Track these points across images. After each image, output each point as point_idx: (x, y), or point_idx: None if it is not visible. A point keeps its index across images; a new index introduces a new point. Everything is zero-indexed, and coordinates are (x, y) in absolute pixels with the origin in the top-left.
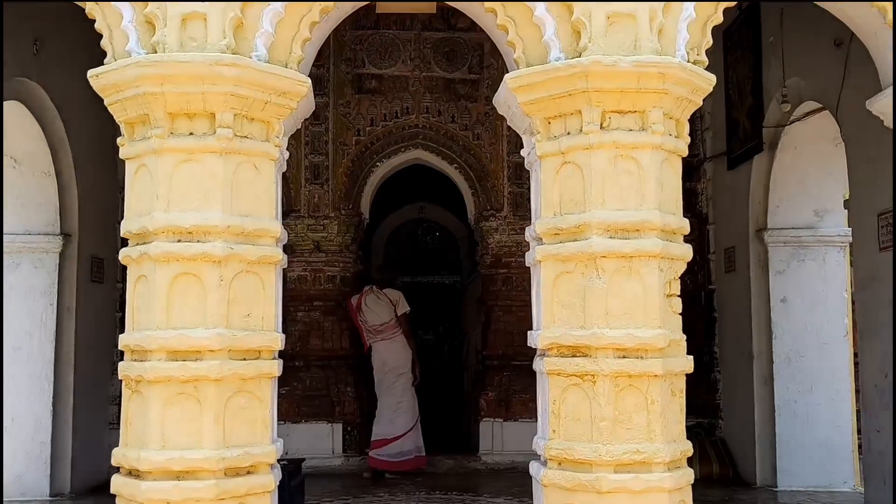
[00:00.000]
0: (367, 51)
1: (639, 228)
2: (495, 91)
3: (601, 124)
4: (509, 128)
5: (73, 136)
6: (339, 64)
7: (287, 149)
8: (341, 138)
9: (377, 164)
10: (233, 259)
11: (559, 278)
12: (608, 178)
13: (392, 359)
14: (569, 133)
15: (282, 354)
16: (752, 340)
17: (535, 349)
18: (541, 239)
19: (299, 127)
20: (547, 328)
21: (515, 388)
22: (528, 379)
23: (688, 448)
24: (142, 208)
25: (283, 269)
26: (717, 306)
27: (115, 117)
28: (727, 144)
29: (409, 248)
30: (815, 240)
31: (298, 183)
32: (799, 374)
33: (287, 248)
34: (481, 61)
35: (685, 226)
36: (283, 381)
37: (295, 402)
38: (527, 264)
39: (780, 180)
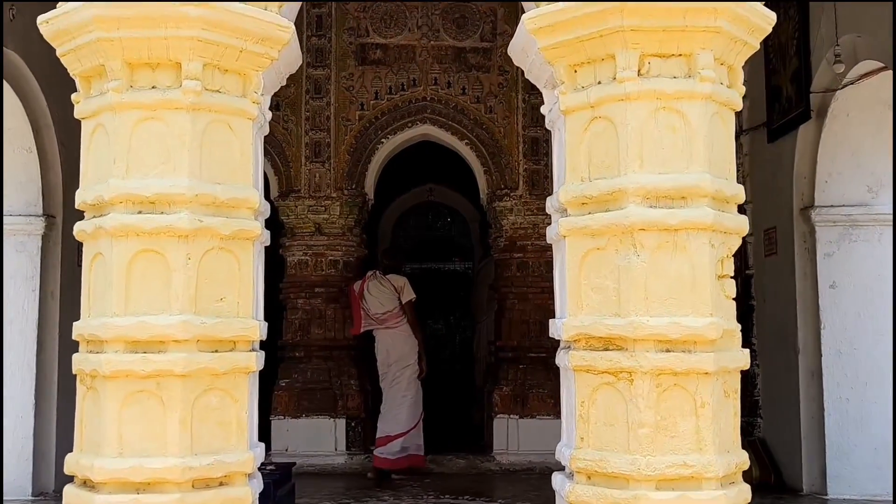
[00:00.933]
0: (370, 19)
1: (685, 196)
2: (508, 61)
3: (639, 71)
4: (525, 99)
5: (56, 111)
6: (341, 34)
7: (286, 124)
8: (344, 113)
9: (382, 140)
10: (202, 233)
11: (588, 256)
12: (648, 136)
13: (396, 350)
14: (599, 82)
15: (281, 345)
16: (796, 331)
17: (558, 341)
18: (565, 210)
19: (284, 83)
20: (573, 316)
21: (532, 383)
22: (546, 372)
23: (744, 460)
24: (99, 175)
25: (283, 254)
26: (756, 293)
27: (69, 71)
28: (767, 114)
29: (417, 233)
30: (869, 218)
31: (298, 161)
32: (850, 368)
33: (287, 231)
34: (494, 28)
35: (740, 193)
36: (282, 373)
37: (295, 396)
38: (548, 240)
39: (830, 152)
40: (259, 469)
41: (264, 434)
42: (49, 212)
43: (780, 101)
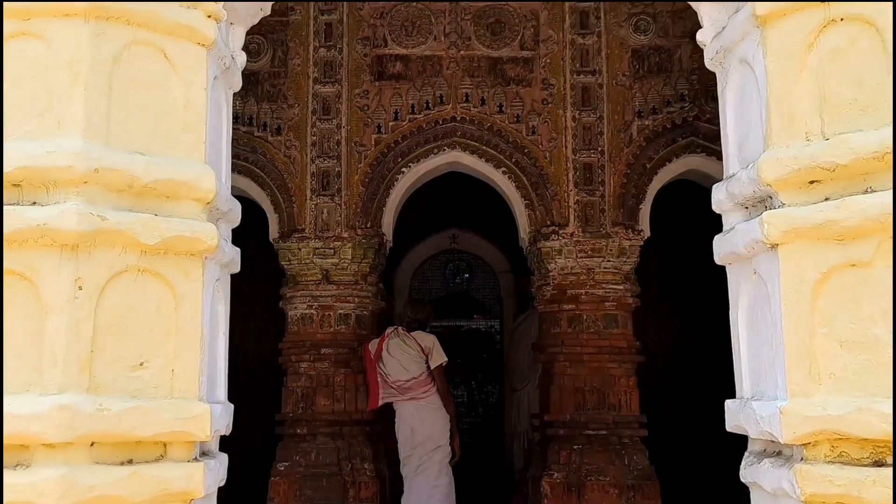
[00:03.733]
0: (389, 26)
1: None
2: (554, 72)
3: None
4: (575, 117)
5: None
6: (354, 44)
7: (288, 150)
8: (357, 137)
9: (403, 169)
10: (105, 241)
11: (829, 281)
12: None
13: (424, 427)
14: None
15: (280, 419)
16: None
17: (622, 416)
18: (769, 197)
19: (267, 13)
20: (801, 395)
21: (590, 468)
22: (607, 454)
23: None
24: None
25: (283, 307)
26: None
27: None
28: None
29: (437, 286)
30: None
31: (302, 195)
32: None
33: (288, 279)
34: (536, 34)
35: None
36: (281, 454)
37: (296, 483)
38: (717, 258)
39: None
40: None
41: None
42: None
43: None
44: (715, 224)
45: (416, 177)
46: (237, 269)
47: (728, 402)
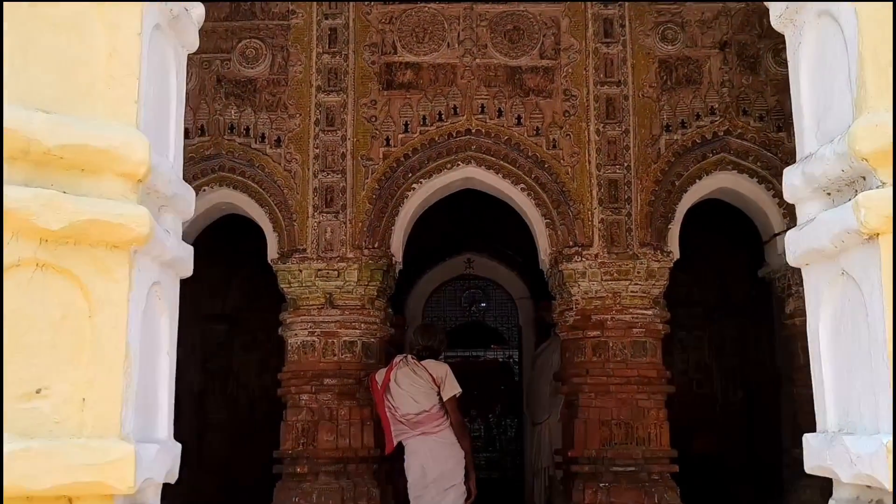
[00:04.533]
0: (399, 32)
1: None
2: (576, 82)
3: None
4: (599, 130)
5: None
6: (360, 50)
7: (288, 164)
8: (364, 150)
9: (413, 185)
10: None
11: None
12: None
13: (437, 464)
14: None
15: (278, 457)
16: None
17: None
18: (860, 177)
19: None
20: None
21: None
22: (637, 492)
23: None
24: None
25: (282, 334)
26: None
27: None
28: None
29: (451, 314)
30: None
31: (304, 212)
32: None
33: (288, 304)
34: (557, 42)
35: None
36: (280, 495)
37: None
38: (791, 258)
39: None
40: None
41: None
42: None
43: None
44: (742, 247)
45: (427, 194)
46: (188, 271)
47: (808, 438)
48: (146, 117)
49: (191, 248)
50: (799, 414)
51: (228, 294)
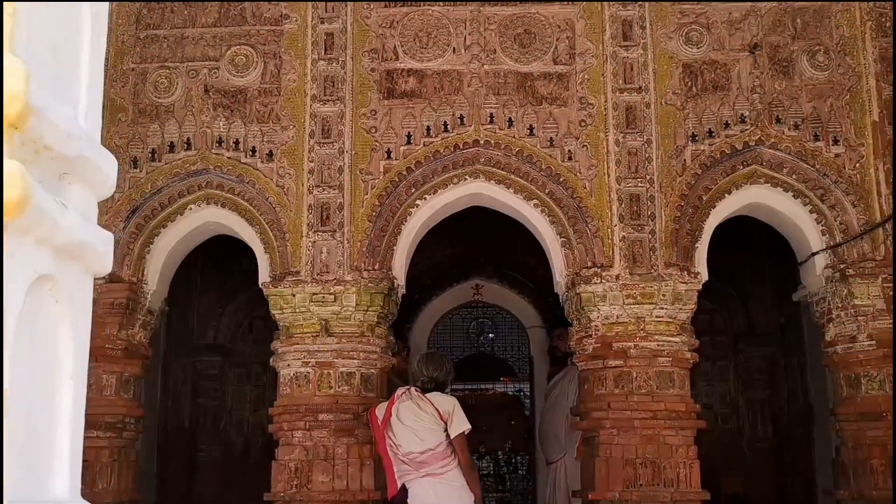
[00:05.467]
0: (401, 37)
1: None
2: (593, 89)
3: None
4: (619, 140)
5: None
6: (359, 57)
7: (281, 179)
8: (363, 164)
9: (417, 202)
10: None
11: None
12: None
13: None
14: None
15: (269, 500)
16: None
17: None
18: None
19: None
20: None
21: None
22: None
23: None
24: None
25: (274, 365)
26: None
27: None
28: None
29: (459, 343)
30: None
31: (298, 231)
32: None
33: (281, 332)
34: (572, 47)
35: None
36: None
37: None
38: None
39: None
40: None
41: None
42: None
43: None
44: (767, 268)
45: (432, 211)
46: (104, 266)
47: None
48: (35, 50)
49: (109, 235)
50: (843, 451)
51: (222, 322)
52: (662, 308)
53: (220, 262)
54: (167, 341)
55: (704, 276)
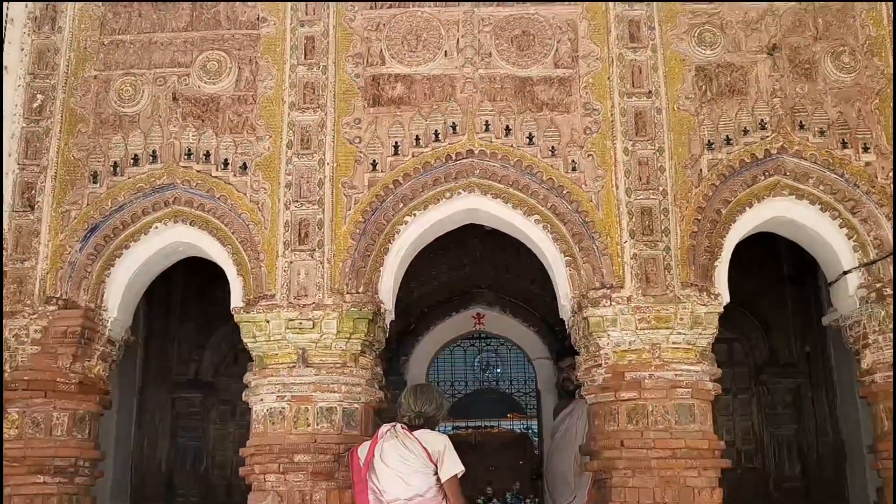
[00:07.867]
0: (388, 40)
1: None
2: (598, 94)
3: None
4: (628, 149)
5: None
6: (342, 62)
7: (255, 194)
8: (346, 176)
9: (406, 218)
10: None
11: None
12: None
13: None
14: None
15: None
16: None
17: None
18: None
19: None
20: None
21: None
22: None
23: None
24: None
25: (246, 399)
26: None
27: None
28: None
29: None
30: None
31: (273, 251)
32: None
33: (254, 362)
34: (574, 49)
35: None
36: None
37: None
38: None
39: None
40: None
41: None
42: None
43: None
44: (789, 290)
45: (422, 228)
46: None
47: None
48: None
49: None
50: (885, 493)
51: (204, 355)
52: (680, 333)
53: (200, 288)
54: (143, 376)
55: (726, 298)
